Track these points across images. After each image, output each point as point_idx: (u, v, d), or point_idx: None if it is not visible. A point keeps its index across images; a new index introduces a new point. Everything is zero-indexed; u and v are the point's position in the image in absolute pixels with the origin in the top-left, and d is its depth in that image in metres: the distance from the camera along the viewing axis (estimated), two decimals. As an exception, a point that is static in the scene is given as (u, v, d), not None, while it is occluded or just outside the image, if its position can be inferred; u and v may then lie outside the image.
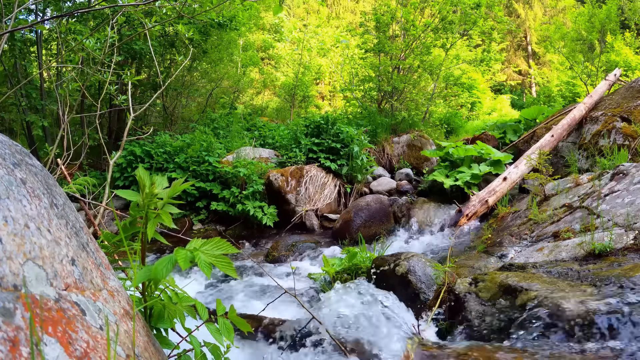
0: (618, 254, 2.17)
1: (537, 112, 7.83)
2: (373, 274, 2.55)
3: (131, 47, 6.14)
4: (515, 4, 22.75)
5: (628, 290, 1.58)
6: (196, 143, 5.58)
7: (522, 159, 4.81)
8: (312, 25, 17.41)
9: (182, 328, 1.05)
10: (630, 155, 4.42)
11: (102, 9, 3.50)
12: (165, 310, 1.03)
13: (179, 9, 2.68)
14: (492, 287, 1.90)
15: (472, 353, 1.48)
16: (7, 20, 2.38)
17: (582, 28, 10.16)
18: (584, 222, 2.86)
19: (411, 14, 8.11)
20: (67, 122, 2.77)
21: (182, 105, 8.47)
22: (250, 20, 9.12)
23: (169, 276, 1.07)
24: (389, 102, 8.23)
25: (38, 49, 6.05)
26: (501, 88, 20.82)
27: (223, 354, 1.08)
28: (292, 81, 11.58)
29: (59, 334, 0.61)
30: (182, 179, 1.18)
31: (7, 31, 2.12)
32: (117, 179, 5.40)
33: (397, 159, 7.20)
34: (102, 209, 2.40)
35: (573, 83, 12.32)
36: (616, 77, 6.53)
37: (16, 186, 0.72)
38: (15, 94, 5.51)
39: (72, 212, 0.90)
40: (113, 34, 3.01)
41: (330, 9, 23.78)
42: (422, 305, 2.11)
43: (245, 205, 4.83)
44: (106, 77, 2.99)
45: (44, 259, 0.68)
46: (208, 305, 2.40)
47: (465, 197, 4.67)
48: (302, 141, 5.75)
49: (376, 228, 4.54)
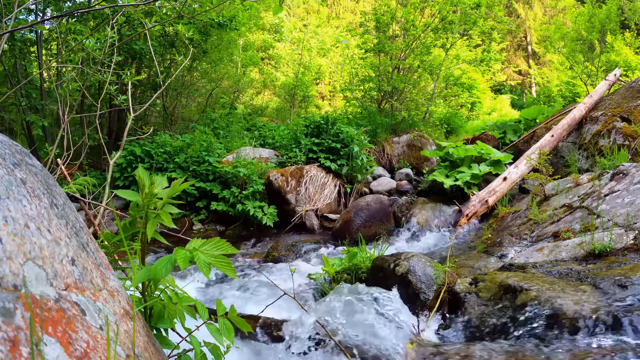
0: (618, 254, 2.17)
1: (537, 112, 7.83)
2: (373, 274, 2.55)
3: (131, 47, 6.14)
4: (515, 4, 22.75)
5: (628, 290, 1.58)
6: (196, 143, 5.58)
7: (522, 159, 4.81)
8: (312, 25, 17.42)
9: (182, 328, 1.05)
10: (630, 155, 4.42)
11: (102, 9, 3.50)
12: (165, 310, 1.03)
13: (179, 9, 2.68)
14: (492, 287, 1.90)
15: (472, 353, 1.48)
16: (7, 20, 2.38)
17: (582, 28, 10.16)
18: (584, 222, 2.86)
19: (411, 14, 8.11)
20: (67, 122, 2.77)
21: (182, 105, 8.47)
22: (250, 20, 9.12)
23: (169, 276, 1.07)
24: (389, 102, 8.23)
25: (38, 49, 6.05)
26: (501, 88, 20.81)
27: (223, 354, 1.08)
28: (292, 81, 11.57)
29: (59, 334, 0.61)
30: (182, 179, 1.18)
31: (7, 31, 2.12)
32: (117, 179, 5.40)
33: (397, 159, 7.20)
34: (102, 209, 2.40)
35: (573, 83, 12.32)
36: (616, 77, 6.53)
37: (16, 186, 0.72)
38: (15, 94, 5.51)
39: (72, 212, 0.90)
40: (113, 34, 3.01)
41: (330, 9, 23.77)
42: (422, 306, 2.11)
43: (245, 205, 4.83)
44: (106, 77, 2.99)
45: (44, 259, 0.68)
46: (208, 305, 2.40)
47: (465, 197, 4.67)
48: (302, 141, 5.75)
49: (376, 228, 4.54)
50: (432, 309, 2.01)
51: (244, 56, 10.29)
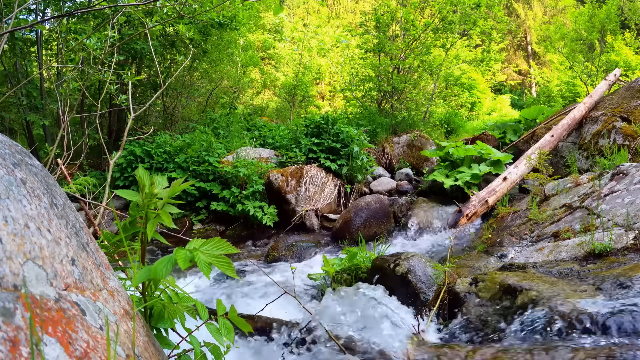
0: (618, 254, 2.17)
1: (537, 112, 7.83)
2: (373, 274, 2.55)
3: (132, 47, 6.14)
4: (515, 4, 22.74)
5: (628, 290, 1.58)
6: (196, 143, 5.58)
7: (522, 159, 4.81)
8: (312, 25, 17.40)
9: (182, 328, 1.05)
10: (630, 155, 4.42)
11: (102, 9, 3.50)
12: (165, 310, 1.03)
13: (179, 9, 2.68)
14: (492, 287, 1.90)
15: (472, 353, 1.48)
16: (7, 20, 2.38)
17: (582, 28, 10.16)
18: (584, 222, 2.86)
19: (411, 14, 8.11)
20: (67, 122, 2.77)
21: (182, 105, 8.47)
22: (250, 20, 9.12)
23: (169, 276, 1.07)
24: (389, 102, 8.23)
25: (38, 49, 6.05)
26: (501, 88, 20.81)
27: (223, 354, 1.08)
28: (292, 81, 11.57)
29: (59, 334, 0.61)
30: (182, 179, 1.18)
31: (7, 31, 2.12)
32: (117, 179, 5.40)
33: (397, 159, 7.20)
34: (102, 209, 2.40)
35: (573, 83, 12.32)
36: (616, 77, 6.53)
37: (16, 186, 0.72)
38: (16, 93, 5.51)
39: (72, 212, 0.90)
40: (114, 33, 3.01)
41: (331, 9, 23.77)
42: (422, 305, 2.11)
43: (245, 205, 4.83)
44: (106, 77, 2.99)
45: (44, 259, 0.68)
46: (208, 305, 2.40)
47: (465, 197, 4.67)
48: (302, 141, 5.75)
49: (376, 228, 4.54)
50: (432, 309, 2.01)
51: (244, 56, 10.29)
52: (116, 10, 3.09)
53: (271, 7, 12.23)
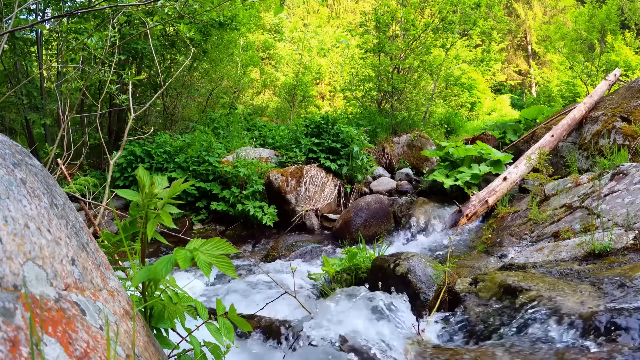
0: (618, 254, 2.17)
1: (537, 112, 7.83)
2: (373, 274, 2.55)
3: (132, 47, 6.14)
4: (515, 4, 22.74)
5: (628, 290, 1.58)
6: (196, 143, 5.58)
7: (522, 159, 4.81)
8: (312, 25, 17.41)
9: (182, 328, 1.05)
10: (630, 155, 4.42)
11: (102, 9, 3.50)
12: (165, 310, 1.03)
13: (180, 9, 2.68)
14: (492, 287, 1.90)
15: (472, 353, 1.48)
16: (7, 20, 2.38)
17: (582, 28, 10.15)
18: (584, 222, 2.86)
19: (411, 14, 8.11)
20: (68, 122, 2.77)
21: (182, 105, 8.47)
22: (250, 20, 9.12)
23: (169, 276, 1.07)
24: (389, 102, 8.23)
25: (38, 49, 6.05)
26: (501, 88, 20.80)
27: (223, 353, 1.08)
28: (292, 81, 11.57)
29: (59, 334, 0.61)
30: (182, 179, 1.18)
31: (8, 31, 2.12)
32: (117, 179, 5.40)
33: (397, 159, 7.20)
34: (102, 209, 2.40)
35: (573, 83, 12.32)
36: (616, 77, 6.53)
37: (16, 186, 0.72)
38: (16, 93, 5.51)
39: (72, 212, 0.90)
40: (114, 33, 3.01)
41: (331, 9, 23.76)
42: (422, 305, 2.11)
43: (245, 205, 4.83)
44: (107, 77, 2.99)
45: (44, 259, 0.68)
46: (208, 305, 2.40)
47: (466, 197, 4.67)
48: (302, 141, 5.75)
49: (376, 228, 4.54)
50: (432, 309, 2.01)
51: (244, 56, 10.28)
52: (117, 10, 3.09)
53: (271, 7, 12.24)
